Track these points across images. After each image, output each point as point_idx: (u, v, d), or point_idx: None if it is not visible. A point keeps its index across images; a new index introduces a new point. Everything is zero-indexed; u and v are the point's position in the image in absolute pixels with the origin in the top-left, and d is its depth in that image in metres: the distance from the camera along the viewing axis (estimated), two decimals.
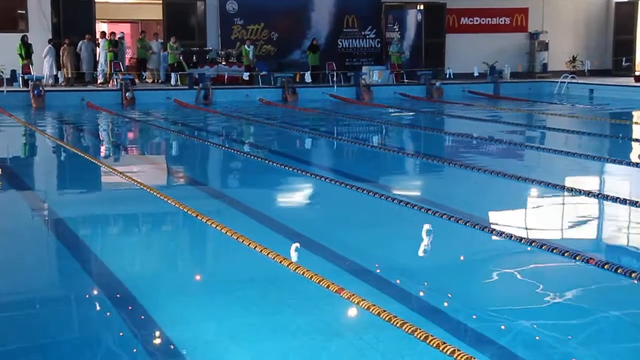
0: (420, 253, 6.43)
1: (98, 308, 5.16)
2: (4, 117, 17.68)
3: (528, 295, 5.26)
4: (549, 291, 5.32)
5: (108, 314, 5.02)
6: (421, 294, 5.34)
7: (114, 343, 4.54)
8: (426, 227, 7.02)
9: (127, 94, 20.97)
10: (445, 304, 5.05)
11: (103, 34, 24.16)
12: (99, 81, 23.30)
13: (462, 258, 6.31)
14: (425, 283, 5.59)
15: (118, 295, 5.31)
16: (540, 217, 7.81)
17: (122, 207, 8.40)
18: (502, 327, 4.66)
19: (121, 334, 4.67)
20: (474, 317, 4.83)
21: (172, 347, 4.42)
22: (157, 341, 4.56)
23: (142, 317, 4.89)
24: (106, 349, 4.47)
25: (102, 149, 13.86)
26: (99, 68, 23.43)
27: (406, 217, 7.54)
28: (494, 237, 6.62)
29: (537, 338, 4.52)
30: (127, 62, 24.81)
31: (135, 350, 4.42)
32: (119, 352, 4.42)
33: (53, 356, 4.40)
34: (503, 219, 7.60)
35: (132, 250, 6.74)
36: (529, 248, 6.23)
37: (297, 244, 6.17)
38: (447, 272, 5.83)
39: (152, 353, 4.39)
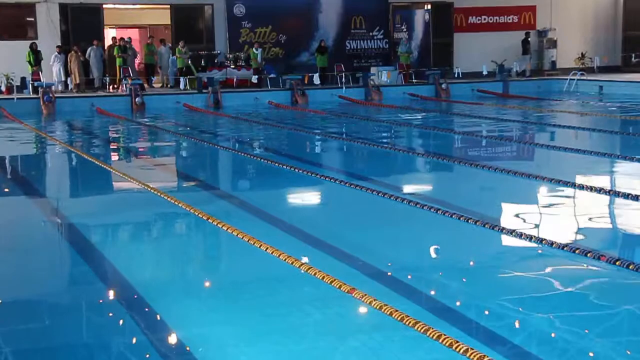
0: (432, 253, 6.43)
1: (110, 311, 5.18)
2: (15, 124, 17.77)
3: (540, 293, 5.26)
4: (561, 289, 5.32)
5: (120, 316, 5.05)
6: (433, 293, 5.34)
7: (126, 346, 4.57)
8: (437, 226, 7.02)
9: (136, 99, 21.04)
10: (458, 303, 5.05)
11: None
12: None
13: (473, 257, 6.30)
14: (437, 282, 5.59)
15: (129, 298, 5.34)
16: (550, 215, 7.79)
17: (134, 211, 8.43)
18: (515, 325, 4.66)
19: (133, 336, 4.70)
20: (487, 315, 4.84)
21: (183, 348, 4.44)
22: (169, 343, 4.58)
23: (154, 319, 4.92)
24: (119, 351, 4.49)
25: (113, 154, 13.92)
26: None
27: (417, 217, 7.54)
28: (505, 236, 6.61)
29: (550, 336, 4.51)
30: (136, 67, 24.89)
31: (147, 352, 4.44)
32: (131, 354, 4.44)
33: (65, 358, 4.44)
34: (514, 218, 7.59)
35: (144, 253, 6.77)
36: (539, 246, 6.22)
37: (308, 245, 6.19)
38: (459, 271, 5.82)
39: (164, 355, 4.41)
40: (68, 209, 8.71)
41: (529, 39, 27.36)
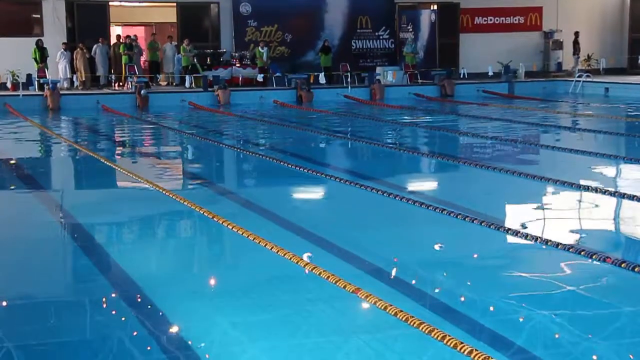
0: (437, 253, 6.42)
1: (114, 308, 5.18)
2: (20, 120, 17.79)
3: (545, 294, 5.25)
4: (566, 291, 5.30)
5: (124, 314, 5.05)
6: (438, 293, 5.34)
7: (130, 343, 4.57)
8: (442, 227, 7.01)
9: (141, 91, 20.96)
10: (462, 304, 5.04)
11: None
12: None
13: (478, 258, 6.29)
14: (442, 283, 5.58)
15: (134, 296, 5.34)
16: (555, 216, 7.78)
17: (139, 209, 8.43)
18: (520, 327, 4.65)
19: (137, 333, 4.70)
20: (491, 316, 4.83)
21: (187, 346, 4.44)
22: (173, 341, 4.58)
23: (158, 316, 4.92)
24: (122, 348, 4.50)
25: (118, 151, 13.92)
26: None
27: (422, 217, 7.53)
28: (510, 237, 6.59)
29: (555, 337, 4.51)
30: (142, 65, 24.88)
31: (151, 350, 4.44)
32: (135, 351, 4.45)
33: (70, 356, 4.44)
34: (518, 219, 7.57)
35: (149, 251, 6.77)
36: (544, 247, 6.21)
37: (313, 245, 6.18)
38: (463, 272, 5.82)
39: (168, 352, 4.41)
40: (72, 206, 8.71)
41: (578, 39, 27.35)
